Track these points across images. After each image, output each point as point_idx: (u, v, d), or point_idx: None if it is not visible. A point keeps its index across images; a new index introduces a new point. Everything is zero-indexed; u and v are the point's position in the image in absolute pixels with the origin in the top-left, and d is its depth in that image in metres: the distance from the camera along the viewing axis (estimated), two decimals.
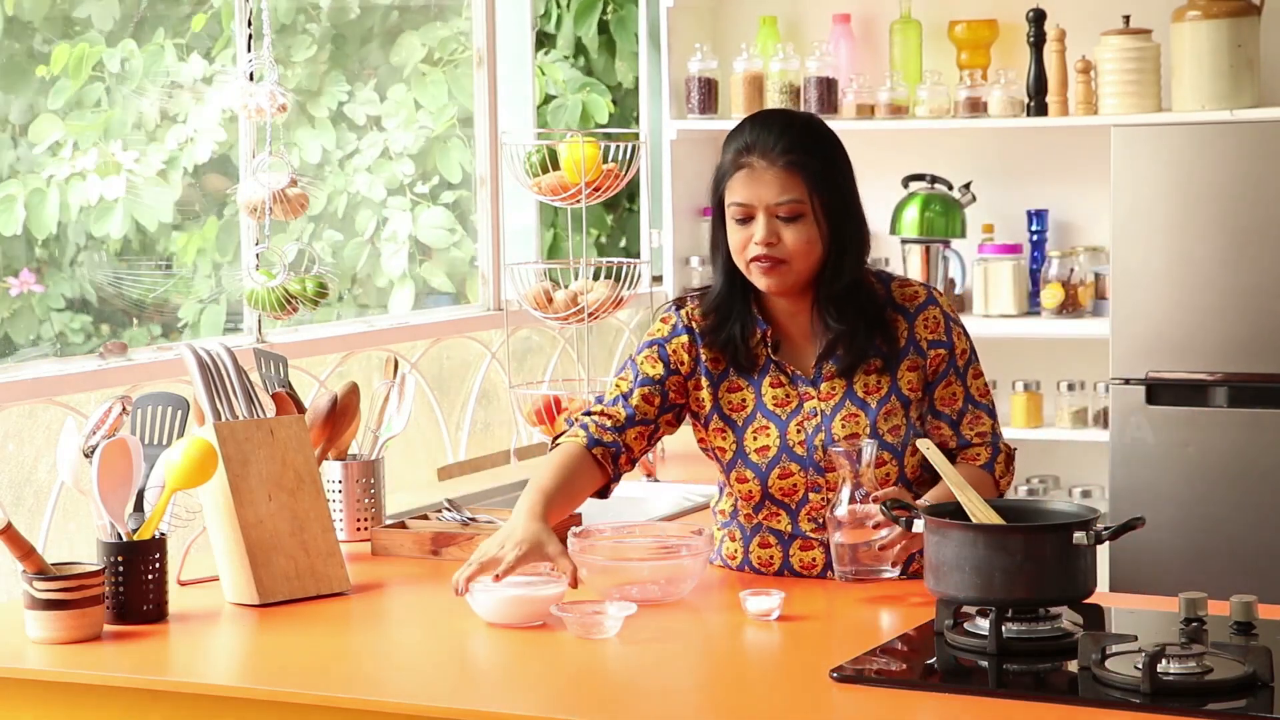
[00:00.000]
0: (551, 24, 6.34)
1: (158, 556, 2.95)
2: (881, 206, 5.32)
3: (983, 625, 2.64)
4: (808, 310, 3.09)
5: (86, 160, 4.56)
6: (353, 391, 3.55)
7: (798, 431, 3.08)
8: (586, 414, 3.16)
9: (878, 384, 3.09)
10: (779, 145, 3.01)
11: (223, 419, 3.09)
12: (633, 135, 4.57)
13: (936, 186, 5.35)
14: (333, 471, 3.53)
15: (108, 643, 2.85)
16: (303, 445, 3.15)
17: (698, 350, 3.14)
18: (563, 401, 4.29)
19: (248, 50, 4.09)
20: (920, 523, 2.78)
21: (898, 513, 2.84)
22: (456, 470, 4.58)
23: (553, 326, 4.62)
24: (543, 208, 5.26)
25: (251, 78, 4.06)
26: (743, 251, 3.03)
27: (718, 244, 3.10)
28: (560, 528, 2.99)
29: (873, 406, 3.08)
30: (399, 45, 5.32)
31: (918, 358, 3.10)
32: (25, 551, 2.84)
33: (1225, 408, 4.66)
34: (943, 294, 3.16)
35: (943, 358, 3.11)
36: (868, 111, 5.38)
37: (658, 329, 3.18)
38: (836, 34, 5.49)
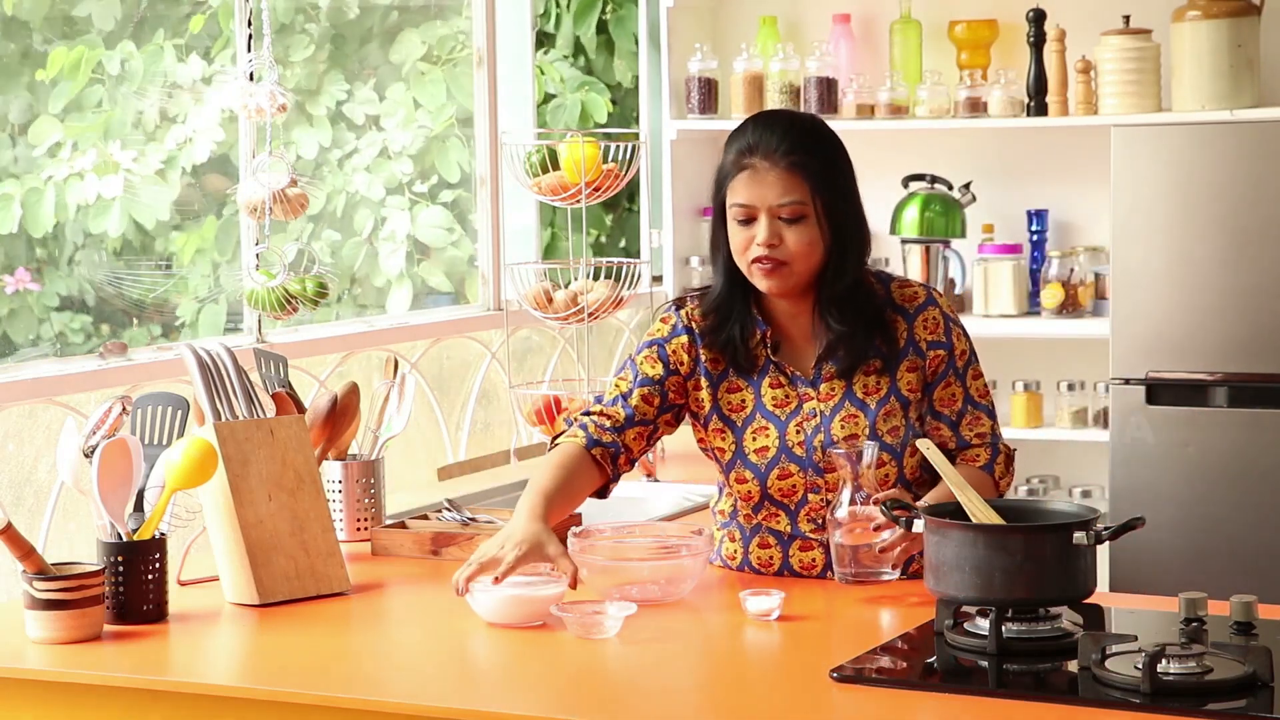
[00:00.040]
0: (551, 24, 6.34)
1: (158, 556, 2.94)
2: (881, 206, 5.32)
3: (983, 625, 2.64)
4: (808, 311, 3.09)
5: (85, 160, 4.55)
6: (353, 391, 3.55)
7: (797, 432, 3.08)
8: (585, 414, 3.15)
9: (877, 385, 3.09)
10: (782, 146, 3.00)
11: (223, 419, 3.08)
12: (633, 135, 4.56)
13: (936, 186, 5.35)
14: (333, 471, 3.53)
15: (108, 643, 2.84)
16: (303, 445, 3.15)
17: (697, 351, 3.13)
18: (563, 401, 4.29)
19: (248, 50, 4.09)
20: (920, 523, 2.78)
21: (897, 513, 2.83)
22: (456, 470, 4.58)
23: (553, 326, 4.62)
24: (542, 207, 5.26)
25: (251, 78, 4.07)
26: (744, 252, 3.03)
27: (718, 244, 3.09)
28: (560, 528, 2.99)
29: (872, 407, 3.07)
30: (398, 43, 5.32)
31: (917, 358, 3.10)
32: (25, 551, 2.84)
33: (1225, 408, 4.66)
34: (942, 294, 3.16)
35: (942, 358, 3.10)
36: (868, 111, 5.38)
37: (657, 329, 3.18)
38: (836, 34, 5.49)
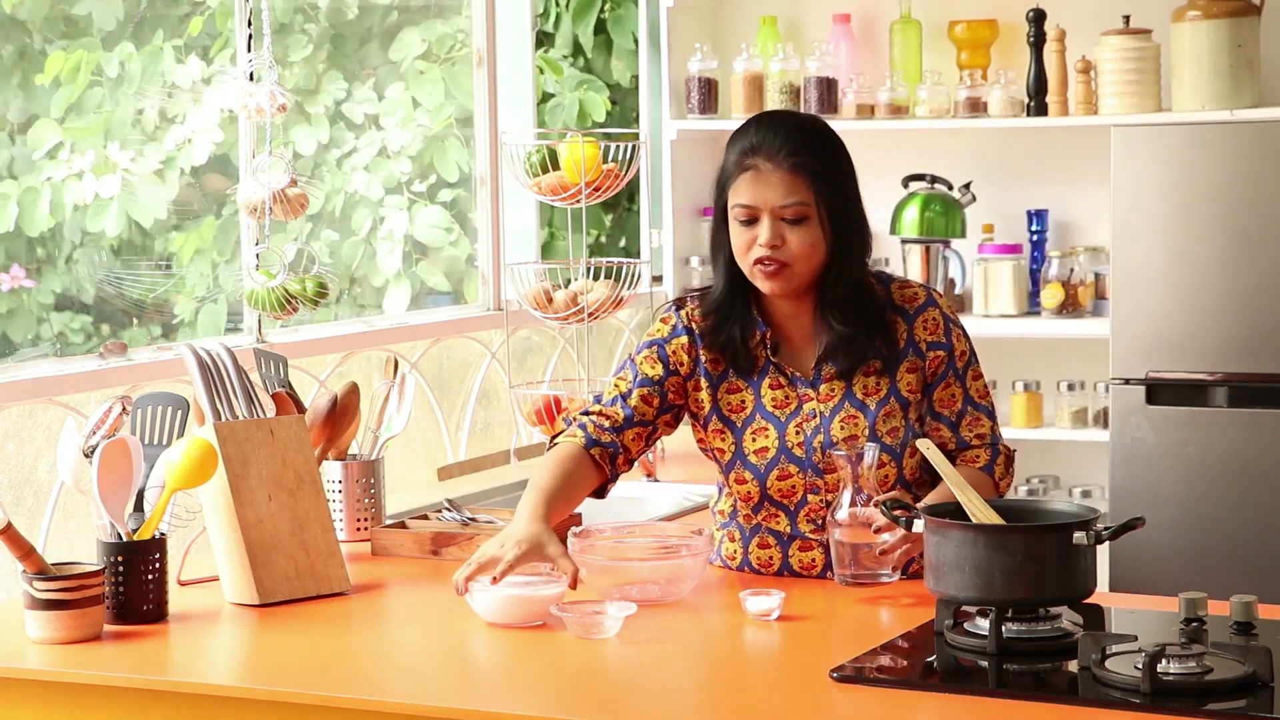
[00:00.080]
0: (550, 23, 6.34)
1: (158, 556, 2.94)
2: (881, 206, 5.32)
3: (983, 625, 2.64)
4: (808, 312, 3.09)
5: (83, 161, 4.55)
6: (353, 391, 3.55)
7: (796, 433, 3.08)
8: (584, 414, 3.15)
9: (877, 385, 3.08)
10: (785, 147, 3.00)
11: (223, 419, 3.08)
12: (633, 135, 4.56)
13: (936, 186, 5.35)
14: (333, 471, 3.53)
15: (108, 643, 2.84)
16: (303, 445, 3.15)
17: (697, 351, 3.13)
18: (563, 401, 4.29)
19: (247, 50, 4.09)
20: (920, 523, 2.78)
21: (897, 513, 2.83)
22: (456, 470, 4.58)
23: (553, 326, 4.61)
24: (542, 207, 5.26)
25: (251, 78, 4.06)
26: (746, 253, 3.02)
27: (719, 245, 3.09)
28: (560, 528, 2.99)
29: (872, 408, 3.07)
30: (397, 42, 5.32)
31: (917, 359, 3.09)
32: (25, 551, 2.84)
33: (1225, 408, 4.66)
34: (942, 295, 3.16)
35: (942, 359, 3.10)
36: (868, 111, 5.38)
37: (657, 329, 3.17)
38: (836, 34, 5.49)
